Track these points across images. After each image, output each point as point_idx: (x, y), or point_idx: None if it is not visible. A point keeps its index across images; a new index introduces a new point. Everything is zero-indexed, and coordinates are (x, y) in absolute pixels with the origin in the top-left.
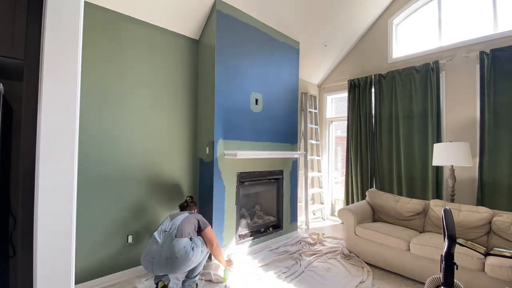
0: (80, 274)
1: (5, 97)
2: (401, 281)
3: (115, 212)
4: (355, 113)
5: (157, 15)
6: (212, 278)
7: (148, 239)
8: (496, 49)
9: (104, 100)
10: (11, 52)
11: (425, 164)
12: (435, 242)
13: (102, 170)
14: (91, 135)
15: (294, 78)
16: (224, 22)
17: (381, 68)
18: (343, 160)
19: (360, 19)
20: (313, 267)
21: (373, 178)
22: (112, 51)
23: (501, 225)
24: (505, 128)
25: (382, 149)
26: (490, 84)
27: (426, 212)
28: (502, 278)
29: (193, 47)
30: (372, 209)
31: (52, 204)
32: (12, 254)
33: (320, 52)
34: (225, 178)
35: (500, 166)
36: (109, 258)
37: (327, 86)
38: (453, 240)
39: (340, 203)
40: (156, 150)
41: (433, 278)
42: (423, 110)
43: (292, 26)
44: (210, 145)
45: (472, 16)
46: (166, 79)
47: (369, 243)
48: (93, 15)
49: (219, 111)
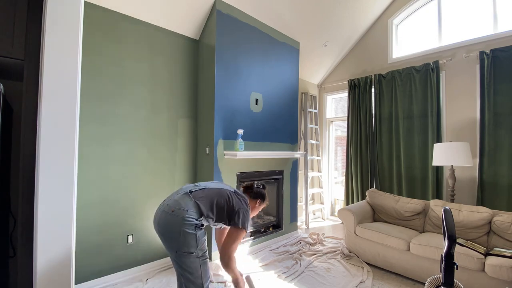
0: (80, 274)
1: (5, 97)
2: (401, 281)
3: (115, 212)
4: (355, 113)
5: (157, 15)
6: (212, 279)
7: (147, 239)
8: (496, 49)
9: (104, 99)
10: (11, 52)
11: (425, 164)
12: (435, 242)
13: (102, 169)
14: (91, 135)
15: (294, 78)
16: (224, 22)
17: (381, 68)
18: (343, 160)
19: (360, 19)
20: (313, 267)
21: (373, 178)
22: (112, 51)
23: (501, 225)
24: (505, 128)
25: (382, 149)
26: (490, 84)
27: (426, 212)
28: (502, 278)
29: (193, 47)
30: (372, 209)
31: (52, 204)
32: (12, 254)
33: (320, 52)
34: (225, 178)
35: (500, 166)
36: (109, 258)
37: (327, 86)
38: (453, 240)
39: (340, 203)
40: (156, 149)
41: (433, 278)
42: (423, 110)
43: (292, 26)
44: (210, 145)
45: (472, 16)
46: (166, 78)
47: (369, 243)
48: (93, 15)
49: (219, 111)
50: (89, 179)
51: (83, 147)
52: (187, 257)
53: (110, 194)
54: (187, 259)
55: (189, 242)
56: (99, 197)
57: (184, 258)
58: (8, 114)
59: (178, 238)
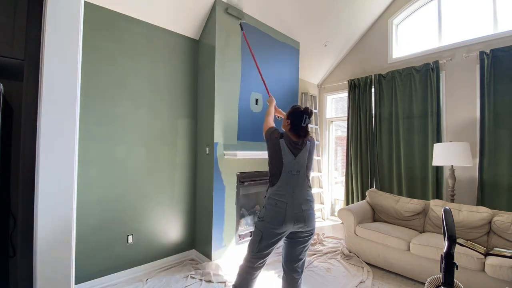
0: (80, 274)
1: (5, 97)
2: (401, 281)
3: (115, 211)
4: (355, 113)
5: (157, 15)
6: (212, 279)
7: (147, 239)
8: (496, 49)
9: (103, 99)
10: (11, 52)
11: (425, 164)
12: (435, 242)
13: (102, 169)
14: (91, 135)
15: (294, 78)
16: (224, 22)
17: (381, 68)
18: (343, 160)
19: (360, 19)
20: (313, 267)
21: (373, 178)
22: (112, 51)
23: (501, 225)
24: (505, 128)
25: (382, 149)
26: (490, 84)
27: (426, 212)
28: (502, 278)
29: (193, 47)
30: (372, 209)
31: (52, 204)
32: (12, 254)
33: (320, 52)
34: (225, 178)
35: (500, 166)
36: (109, 258)
37: (327, 86)
38: (453, 240)
39: (340, 203)
40: (156, 149)
41: (433, 278)
42: (423, 110)
43: (292, 26)
44: (210, 145)
45: (472, 16)
46: (166, 78)
47: (369, 243)
48: (93, 15)
49: (219, 111)
50: (89, 179)
51: (83, 147)
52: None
53: (110, 194)
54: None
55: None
56: (99, 197)
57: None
58: (8, 114)
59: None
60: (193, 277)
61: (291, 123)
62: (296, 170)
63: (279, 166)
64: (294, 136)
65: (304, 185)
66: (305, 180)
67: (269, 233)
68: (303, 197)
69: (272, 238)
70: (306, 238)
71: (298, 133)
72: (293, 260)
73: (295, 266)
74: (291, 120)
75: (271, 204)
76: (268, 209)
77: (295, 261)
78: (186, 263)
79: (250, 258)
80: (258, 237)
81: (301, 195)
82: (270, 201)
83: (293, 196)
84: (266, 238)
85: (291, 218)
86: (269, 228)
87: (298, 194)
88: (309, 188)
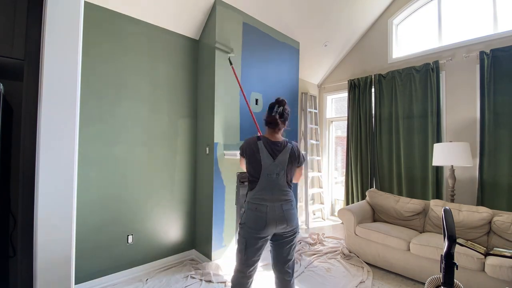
0: (80, 274)
1: (5, 97)
2: (401, 281)
3: (115, 211)
4: (355, 113)
5: (157, 15)
6: (212, 279)
7: (147, 239)
8: (496, 49)
9: (103, 99)
10: (11, 52)
11: (425, 164)
12: (435, 242)
13: (102, 169)
14: (91, 135)
15: (294, 78)
16: (224, 22)
17: (381, 68)
18: (343, 160)
19: (360, 19)
20: (313, 267)
21: (373, 178)
22: (112, 51)
23: (501, 225)
24: (505, 128)
25: (382, 149)
26: (490, 84)
27: (426, 212)
28: (502, 278)
29: (193, 47)
30: (372, 209)
31: (52, 204)
32: (12, 254)
33: (320, 52)
34: (225, 178)
35: (500, 166)
36: (109, 258)
37: (327, 86)
38: (453, 240)
39: (340, 203)
40: (156, 149)
41: (433, 278)
42: (423, 110)
43: (292, 26)
44: (210, 145)
45: (472, 16)
46: (166, 78)
47: (369, 243)
48: (93, 15)
49: (219, 111)
50: (89, 179)
51: (83, 147)
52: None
53: (110, 194)
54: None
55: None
56: (99, 197)
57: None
58: (8, 114)
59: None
60: (193, 277)
61: (266, 117)
62: (275, 173)
63: (257, 170)
64: (269, 132)
65: (284, 187)
66: (285, 182)
67: (252, 238)
68: (283, 198)
69: (257, 243)
70: (291, 237)
71: (269, 122)
72: (282, 261)
73: (285, 268)
74: (266, 114)
75: (251, 209)
76: (249, 214)
77: (284, 262)
78: (186, 263)
79: (240, 267)
80: (243, 246)
81: (280, 197)
82: (250, 205)
83: (273, 198)
84: (251, 244)
85: (273, 221)
86: (252, 233)
87: (278, 197)
88: (289, 188)
